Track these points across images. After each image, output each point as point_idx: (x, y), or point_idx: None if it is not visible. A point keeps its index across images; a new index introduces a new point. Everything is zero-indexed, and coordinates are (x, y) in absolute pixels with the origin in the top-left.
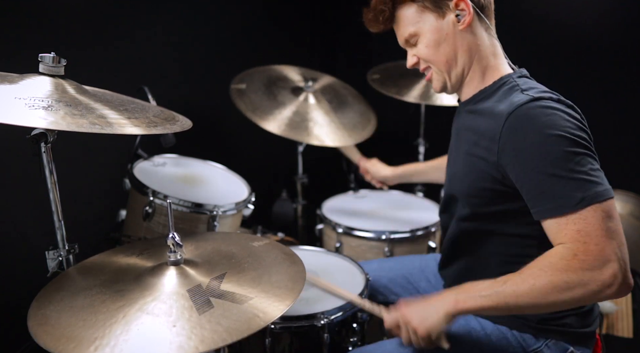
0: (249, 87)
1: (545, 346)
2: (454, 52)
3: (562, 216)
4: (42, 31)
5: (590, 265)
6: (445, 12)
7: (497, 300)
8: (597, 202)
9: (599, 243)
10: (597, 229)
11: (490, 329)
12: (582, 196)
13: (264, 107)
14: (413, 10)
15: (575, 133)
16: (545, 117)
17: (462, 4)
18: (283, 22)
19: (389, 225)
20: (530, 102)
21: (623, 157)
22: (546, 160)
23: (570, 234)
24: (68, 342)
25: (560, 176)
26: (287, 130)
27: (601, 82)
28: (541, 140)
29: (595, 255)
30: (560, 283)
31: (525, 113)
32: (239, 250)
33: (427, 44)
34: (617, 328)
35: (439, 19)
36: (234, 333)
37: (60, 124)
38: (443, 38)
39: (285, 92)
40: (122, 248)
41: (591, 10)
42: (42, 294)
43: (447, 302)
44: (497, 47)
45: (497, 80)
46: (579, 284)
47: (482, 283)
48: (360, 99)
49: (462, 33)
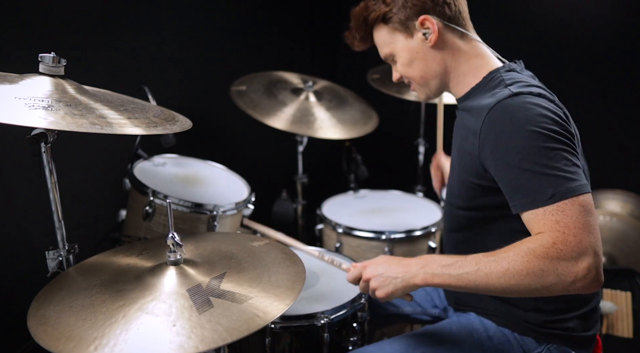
0: (249, 89)
1: (547, 350)
2: (427, 67)
3: (537, 209)
4: (42, 31)
5: (566, 256)
6: (413, 31)
7: (467, 281)
8: (572, 197)
9: (577, 235)
10: (575, 221)
11: (493, 331)
12: (553, 192)
13: (264, 105)
14: (385, 32)
15: (551, 128)
16: (522, 111)
17: (427, 23)
18: (283, 23)
19: (389, 225)
20: (509, 98)
21: (623, 157)
22: (520, 154)
23: (549, 224)
24: (68, 341)
25: (533, 171)
26: (290, 125)
27: (601, 82)
28: (516, 135)
29: (573, 246)
30: (535, 270)
31: (503, 108)
32: (238, 250)
33: (402, 62)
34: (617, 328)
35: (409, 38)
36: (233, 333)
37: (60, 124)
38: (414, 56)
39: (285, 92)
40: (122, 248)
41: (592, 10)
42: (42, 294)
43: (412, 275)
44: (479, 47)
45: (486, 75)
46: (553, 273)
47: (452, 259)
48: (361, 100)
49: (433, 49)
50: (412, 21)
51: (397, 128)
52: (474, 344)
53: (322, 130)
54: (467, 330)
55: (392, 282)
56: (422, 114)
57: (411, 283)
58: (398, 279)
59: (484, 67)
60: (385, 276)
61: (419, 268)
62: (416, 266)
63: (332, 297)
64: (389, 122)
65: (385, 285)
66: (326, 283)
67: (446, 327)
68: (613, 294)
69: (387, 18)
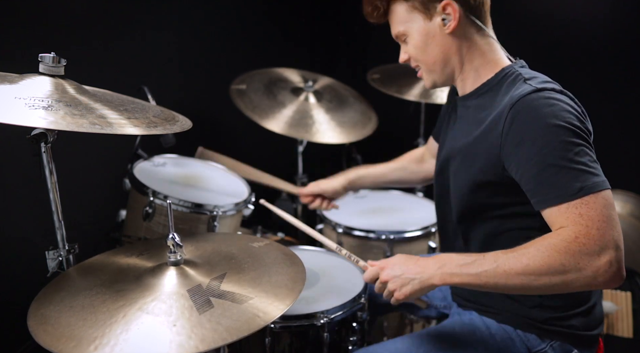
0: (249, 88)
1: (550, 347)
2: (441, 54)
3: (561, 204)
4: (42, 31)
5: (589, 250)
6: (433, 14)
7: (486, 279)
8: (597, 191)
9: (601, 228)
10: (599, 214)
11: (495, 329)
12: (581, 186)
13: (264, 105)
14: (404, 9)
15: (576, 124)
16: (547, 107)
17: (449, 8)
18: (283, 23)
19: (389, 225)
20: (532, 93)
21: (623, 157)
22: (546, 149)
23: (572, 217)
24: (68, 341)
25: (559, 166)
26: (288, 128)
27: (601, 82)
28: (542, 130)
29: (596, 239)
30: (556, 265)
31: (527, 104)
32: (238, 250)
33: (415, 44)
34: (617, 328)
35: (427, 20)
36: (234, 333)
37: (60, 124)
38: (430, 40)
39: (285, 92)
40: (122, 248)
41: (593, 10)
42: (42, 294)
43: (430, 276)
44: (493, 44)
45: (499, 71)
46: (575, 268)
47: (470, 258)
48: (361, 100)
49: (450, 36)
50: (434, 3)
51: (397, 128)
52: (476, 343)
53: (319, 134)
54: (469, 329)
55: (410, 283)
56: (422, 114)
57: (429, 284)
58: (416, 280)
59: (497, 63)
60: (403, 277)
61: (437, 268)
62: (434, 266)
63: (332, 297)
64: (389, 122)
65: (403, 286)
66: (326, 283)
67: (448, 326)
68: (613, 294)
69: None
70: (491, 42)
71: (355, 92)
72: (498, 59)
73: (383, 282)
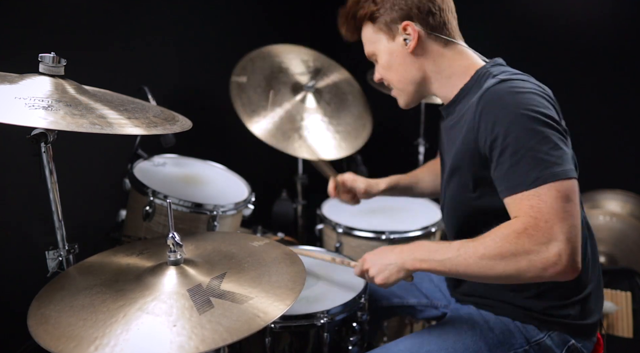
0: (249, 82)
1: (548, 337)
2: (405, 72)
3: (515, 194)
4: (42, 31)
5: (537, 241)
6: (395, 34)
7: (450, 266)
8: (553, 181)
9: (549, 220)
10: (549, 207)
11: (493, 321)
12: (537, 176)
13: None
14: (370, 31)
15: (540, 111)
16: (510, 96)
17: (409, 29)
18: (283, 23)
19: (389, 225)
20: (497, 84)
21: (623, 157)
22: (509, 138)
23: (523, 209)
24: (68, 341)
25: (520, 155)
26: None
27: (601, 82)
28: (506, 119)
29: (543, 231)
30: (507, 255)
31: (493, 95)
32: (238, 250)
33: (381, 64)
34: (617, 328)
35: (390, 40)
36: (234, 333)
37: (60, 124)
38: (394, 59)
39: (284, 90)
40: (122, 247)
41: (591, 10)
42: (42, 294)
43: (405, 260)
44: (464, 51)
45: (473, 75)
46: (525, 258)
47: (438, 245)
48: (361, 99)
49: (412, 54)
50: (395, 24)
51: (397, 128)
52: (476, 337)
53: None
54: (468, 324)
55: (387, 268)
56: (422, 114)
57: (404, 268)
58: (392, 265)
59: (470, 67)
60: (380, 263)
61: (410, 254)
62: (407, 252)
63: (332, 297)
64: (389, 122)
65: (381, 271)
66: (326, 283)
67: (448, 324)
68: (613, 294)
69: (374, 17)
70: (461, 50)
71: (358, 85)
72: (470, 64)
73: (365, 271)
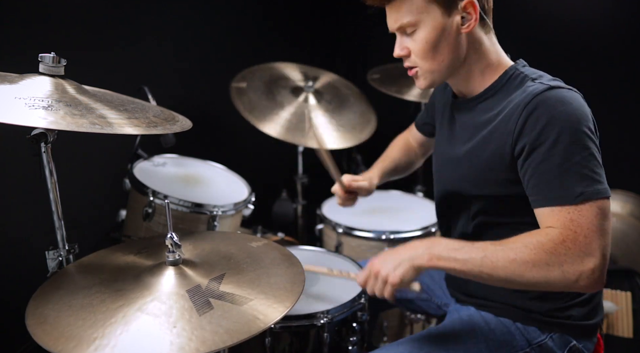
0: (249, 86)
1: (550, 339)
2: (451, 53)
3: (555, 206)
4: (42, 31)
5: (574, 254)
6: (453, 11)
7: (472, 267)
8: (595, 199)
9: (588, 236)
10: (589, 223)
11: (494, 323)
12: (582, 191)
13: (262, 107)
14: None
15: (589, 126)
16: (562, 106)
17: (471, 8)
18: (283, 23)
19: (389, 225)
20: (546, 91)
21: (623, 157)
22: (555, 149)
23: (562, 221)
24: (67, 341)
25: (565, 168)
26: (285, 132)
27: (601, 81)
28: (555, 129)
29: (582, 246)
30: (540, 263)
31: (542, 101)
32: (237, 250)
33: (426, 38)
34: (617, 328)
35: (445, 16)
36: (234, 335)
37: (60, 124)
38: (444, 37)
39: (285, 92)
40: (120, 246)
41: (592, 9)
42: (40, 293)
43: (419, 256)
44: (497, 45)
45: (503, 74)
46: (559, 269)
47: (458, 244)
48: (362, 99)
49: (463, 36)
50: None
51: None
52: (477, 339)
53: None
54: (469, 326)
55: (400, 264)
56: None
57: (417, 264)
58: (405, 260)
59: (500, 63)
60: (393, 259)
61: (425, 249)
62: (422, 247)
63: (332, 297)
64: (389, 122)
65: (395, 268)
66: (326, 283)
67: (448, 326)
68: (613, 294)
69: None
70: (495, 43)
71: (357, 89)
72: (501, 60)
73: (375, 274)
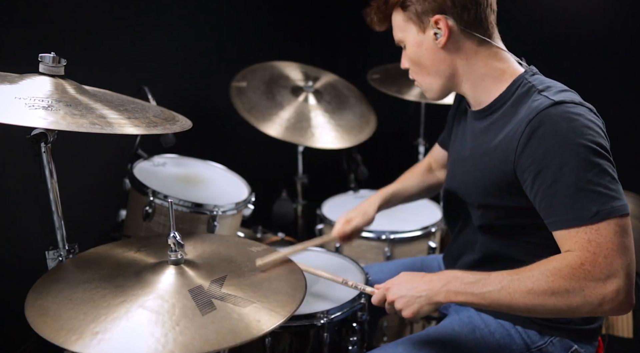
0: (249, 85)
1: (550, 343)
2: (433, 66)
3: (571, 228)
4: (42, 31)
5: (594, 277)
6: (426, 27)
7: (490, 299)
8: (613, 217)
9: (608, 256)
10: (608, 242)
11: (494, 326)
12: (598, 210)
13: (261, 107)
14: (400, 18)
15: (597, 141)
16: (568, 123)
17: (441, 23)
18: (283, 23)
19: (389, 225)
20: (551, 107)
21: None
22: (565, 169)
23: (580, 243)
24: (69, 334)
25: (578, 187)
26: (284, 132)
27: (601, 81)
28: (561, 149)
29: (602, 268)
30: (560, 290)
31: (546, 119)
32: (237, 254)
33: (410, 54)
34: (617, 328)
35: (420, 33)
36: (237, 336)
37: (60, 124)
38: (423, 52)
39: (284, 92)
40: (119, 243)
41: (594, 9)
42: (38, 285)
43: (437, 293)
44: (500, 53)
45: (511, 84)
46: (580, 294)
47: (475, 277)
48: (362, 100)
49: (442, 50)
50: (427, 16)
51: (397, 128)
52: (476, 341)
53: (314, 138)
54: (468, 328)
55: (416, 301)
56: (422, 114)
57: (434, 301)
58: (422, 298)
59: (506, 72)
60: (409, 296)
61: (442, 286)
62: (439, 283)
63: (332, 297)
64: (389, 122)
65: (409, 305)
66: (326, 284)
67: (447, 326)
68: None
69: (405, 5)
70: (497, 51)
71: (357, 91)
72: (507, 68)
73: (390, 303)
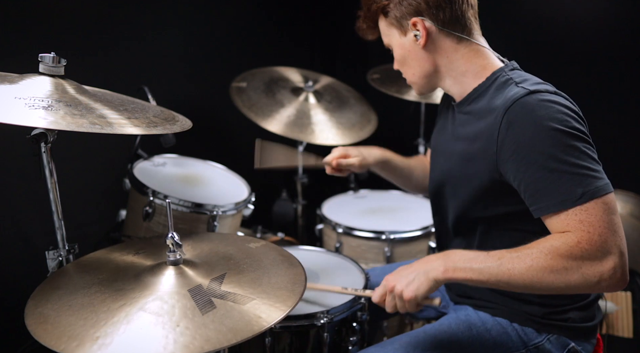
0: (249, 85)
1: (547, 341)
2: (418, 66)
3: (561, 212)
4: (42, 31)
5: (591, 255)
6: (406, 30)
7: (489, 275)
8: (599, 196)
9: (602, 234)
10: (599, 220)
11: (491, 323)
12: (583, 191)
13: (262, 104)
14: (384, 24)
15: (574, 126)
16: (543, 110)
17: (418, 25)
18: (283, 23)
19: (389, 225)
20: (526, 96)
21: (623, 157)
22: (545, 154)
23: (573, 224)
24: (70, 340)
25: (560, 171)
26: (285, 128)
27: (601, 81)
28: (540, 134)
29: (598, 245)
30: (558, 268)
31: (522, 107)
32: (236, 251)
33: (396, 56)
34: (617, 328)
35: (402, 35)
36: (238, 334)
37: (60, 124)
38: (407, 53)
39: (284, 92)
40: (117, 247)
41: (591, 9)
42: (38, 292)
43: (434, 269)
44: (480, 50)
45: (489, 76)
46: (577, 272)
47: (474, 254)
48: (362, 101)
49: (424, 50)
50: (405, 20)
51: (397, 128)
52: (472, 338)
53: (315, 134)
54: (465, 325)
55: (415, 277)
56: (422, 114)
57: (433, 277)
58: (420, 274)
59: (486, 67)
60: (407, 274)
61: (440, 261)
62: (437, 260)
63: (332, 297)
64: (389, 122)
65: (409, 283)
66: (326, 283)
67: (445, 324)
68: (613, 294)
69: (385, 11)
70: (478, 48)
71: (357, 93)
72: (487, 64)
73: (390, 289)
